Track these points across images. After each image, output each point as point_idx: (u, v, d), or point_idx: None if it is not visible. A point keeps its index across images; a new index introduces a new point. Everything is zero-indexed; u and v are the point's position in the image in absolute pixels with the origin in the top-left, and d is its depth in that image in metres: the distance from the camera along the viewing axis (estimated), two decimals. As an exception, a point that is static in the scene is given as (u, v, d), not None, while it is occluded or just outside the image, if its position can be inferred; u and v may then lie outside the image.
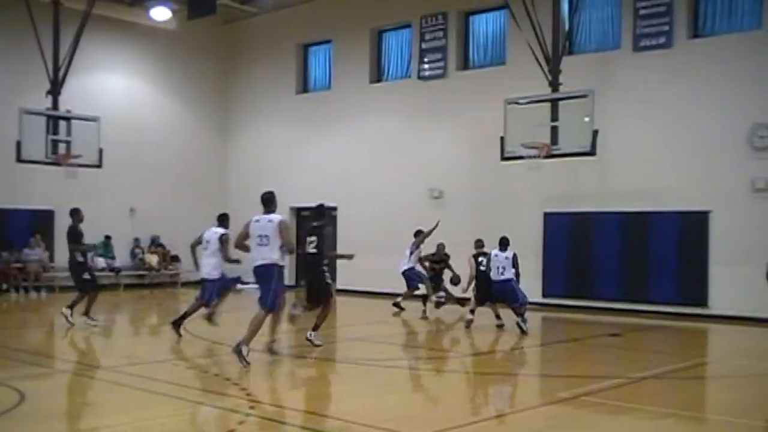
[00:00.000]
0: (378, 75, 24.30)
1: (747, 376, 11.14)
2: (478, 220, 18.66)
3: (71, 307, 14.99)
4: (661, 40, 18.32)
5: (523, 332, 14.39)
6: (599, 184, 19.01)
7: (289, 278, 12.87)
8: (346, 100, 24.38)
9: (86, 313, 14.91)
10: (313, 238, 12.48)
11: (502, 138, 17.98)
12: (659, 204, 18.23)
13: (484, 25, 22.16)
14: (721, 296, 17.38)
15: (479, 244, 16.17)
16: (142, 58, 25.87)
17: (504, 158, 18.14)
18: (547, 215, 19.75)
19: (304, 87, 26.38)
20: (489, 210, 19.74)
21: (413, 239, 17.99)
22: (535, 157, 17.42)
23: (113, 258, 24.35)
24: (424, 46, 22.50)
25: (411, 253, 17.96)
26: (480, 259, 15.82)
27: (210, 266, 13.45)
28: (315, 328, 12.47)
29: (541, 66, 18.28)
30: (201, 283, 13.78)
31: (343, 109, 24.42)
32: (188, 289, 24.28)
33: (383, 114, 23.51)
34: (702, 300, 17.64)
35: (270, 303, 10.76)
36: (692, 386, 10.53)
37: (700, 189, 17.74)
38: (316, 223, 12.91)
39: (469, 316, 15.60)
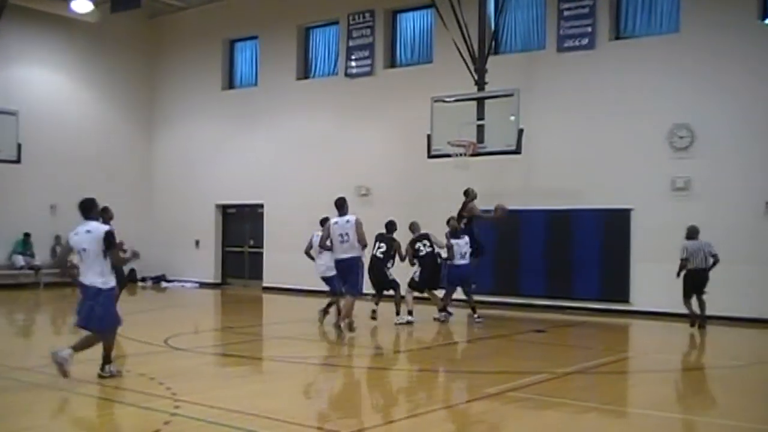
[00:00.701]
0: (305, 72, 24.20)
1: (667, 370, 11.45)
2: (406, 217, 18.61)
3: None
4: (584, 41, 18.67)
5: (478, 323, 15.76)
6: (524, 183, 19.27)
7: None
8: (273, 96, 24.20)
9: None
10: (382, 245, 15.34)
11: (428, 136, 18.11)
12: (582, 202, 18.56)
13: (411, 24, 22.27)
14: (643, 292, 17.80)
15: (415, 226, 16.33)
16: (63, 51, 25.18)
17: (431, 156, 18.28)
18: (473, 213, 19.88)
19: (230, 83, 26.12)
20: (416, 208, 19.77)
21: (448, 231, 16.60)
22: (461, 155, 17.57)
23: (32, 256, 23.71)
24: (351, 43, 22.49)
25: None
26: (417, 245, 15.80)
27: (324, 266, 14.81)
28: (398, 313, 15.44)
29: (467, 65, 18.46)
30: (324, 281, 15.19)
31: (269, 105, 24.24)
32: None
33: (310, 111, 23.39)
34: (624, 296, 18.03)
35: (359, 288, 13.49)
36: (615, 381, 10.74)
37: (622, 187, 18.12)
38: (387, 234, 15.57)
39: (409, 318, 15.50)
